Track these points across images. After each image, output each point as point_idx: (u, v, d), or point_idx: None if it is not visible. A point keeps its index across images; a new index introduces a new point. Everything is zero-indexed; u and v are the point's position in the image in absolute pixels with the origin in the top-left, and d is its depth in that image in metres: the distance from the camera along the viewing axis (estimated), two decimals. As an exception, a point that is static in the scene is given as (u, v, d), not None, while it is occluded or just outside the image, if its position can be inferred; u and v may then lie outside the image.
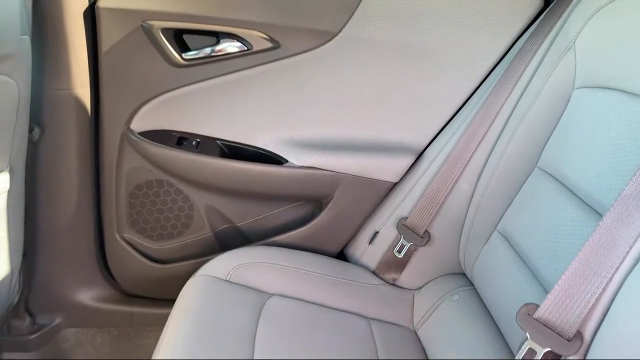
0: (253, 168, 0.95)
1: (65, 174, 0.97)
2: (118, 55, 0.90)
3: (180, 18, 0.88)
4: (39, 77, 0.87)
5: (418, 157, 0.96)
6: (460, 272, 0.94)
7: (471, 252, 0.85)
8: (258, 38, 0.89)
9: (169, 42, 0.89)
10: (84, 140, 0.96)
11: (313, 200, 1.03)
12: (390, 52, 0.90)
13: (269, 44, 0.90)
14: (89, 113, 0.94)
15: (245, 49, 0.90)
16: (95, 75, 0.93)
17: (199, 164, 0.96)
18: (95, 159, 0.99)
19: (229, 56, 0.91)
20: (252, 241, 1.06)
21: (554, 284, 0.55)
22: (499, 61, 0.90)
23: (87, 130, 0.95)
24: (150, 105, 0.94)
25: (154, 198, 1.02)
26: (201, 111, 0.95)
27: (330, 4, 0.88)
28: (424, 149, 0.96)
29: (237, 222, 1.06)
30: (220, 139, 0.97)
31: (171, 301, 0.82)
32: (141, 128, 0.96)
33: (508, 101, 0.84)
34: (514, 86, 0.84)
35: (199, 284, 0.82)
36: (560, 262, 0.62)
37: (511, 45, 0.89)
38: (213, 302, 0.78)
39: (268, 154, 0.97)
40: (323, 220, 1.00)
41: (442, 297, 0.89)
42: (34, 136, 0.90)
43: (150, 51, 0.90)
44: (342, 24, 0.89)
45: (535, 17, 0.88)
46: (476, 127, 0.87)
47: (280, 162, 0.97)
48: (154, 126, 0.96)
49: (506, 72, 0.86)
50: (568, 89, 0.74)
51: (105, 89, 0.93)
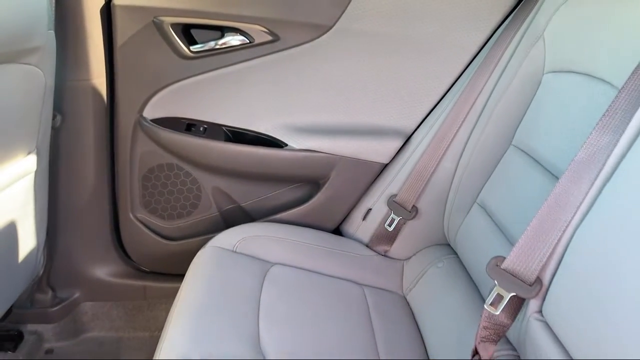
0: (256, 151, 1.03)
1: (83, 158, 1.04)
2: (132, 48, 0.97)
3: (188, 14, 0.95)
4: (60, 68, 0.93)
5: (407, 139, 1.04)
6: (444, 243, 1.02)
7: (454, 223, 0.93)
8: (259, 32, 0.97)
9: (177, 36, 0.96)
10: (100, 126, 1.02)
11: (311, 181, 1.10)
12: (380, 44, 0.98)
13: (269, 37, 0.97)
14: (105, 102, 1.01)
15: (247, 41, 0.97)
16: (111, 67, 1.00)
17: (206, 148, 1.03)
18: (110, 144, 1.06)
19: (232, 48, 0.98)
20: (255, 219, 1.13)
21: None
22: (478, 51, 0.98)
23: (103, 118, 1.02)
24: (161, 94, 1.01)
25: (164, 180, 1.10)
26: (208, 99, 1.02)
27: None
28: (412, 132, 1.04)
29: (242, 202, 1.13)
30: (225, 125, 1.04)
31: (181, 276, 0.88)
32: (153, 115, 1.03)
33: (486, 87, 0.92)
34: (491, 73, 0.92)
35: (208, 253, 0.90)
36: (527, 223, 0.69)
37: (489, 36, 0.97)
38: (222, 268, 0.86)
39: (269, 138, 1.04)
40: (320, 199, 1.08)
41: (428, 265, 0.97)
42: (55, 123, 0.97)
43: (161, 45, 0.97)
44: (336, 18, 0.96)
45: (510, 11, 0.95)
46: (458, 111, 0.95)
47: (281, 145, 1.04)
48: (164, 113, 1.03)
49: (484, 61, 0.94)
50: (538, 74, 0.82)
51: (120, 79, 1.00)
